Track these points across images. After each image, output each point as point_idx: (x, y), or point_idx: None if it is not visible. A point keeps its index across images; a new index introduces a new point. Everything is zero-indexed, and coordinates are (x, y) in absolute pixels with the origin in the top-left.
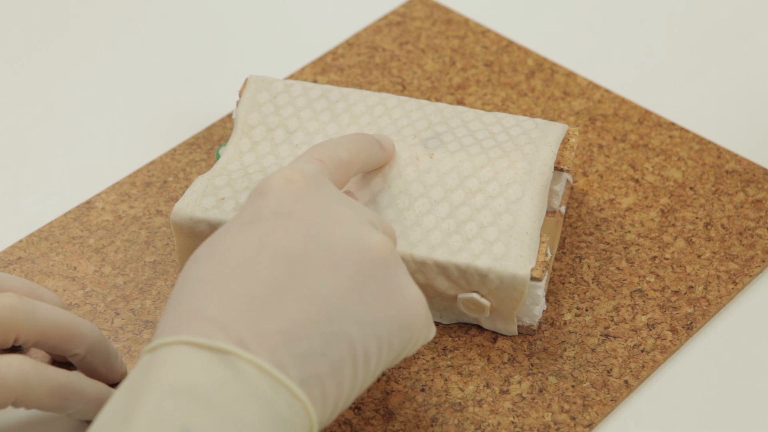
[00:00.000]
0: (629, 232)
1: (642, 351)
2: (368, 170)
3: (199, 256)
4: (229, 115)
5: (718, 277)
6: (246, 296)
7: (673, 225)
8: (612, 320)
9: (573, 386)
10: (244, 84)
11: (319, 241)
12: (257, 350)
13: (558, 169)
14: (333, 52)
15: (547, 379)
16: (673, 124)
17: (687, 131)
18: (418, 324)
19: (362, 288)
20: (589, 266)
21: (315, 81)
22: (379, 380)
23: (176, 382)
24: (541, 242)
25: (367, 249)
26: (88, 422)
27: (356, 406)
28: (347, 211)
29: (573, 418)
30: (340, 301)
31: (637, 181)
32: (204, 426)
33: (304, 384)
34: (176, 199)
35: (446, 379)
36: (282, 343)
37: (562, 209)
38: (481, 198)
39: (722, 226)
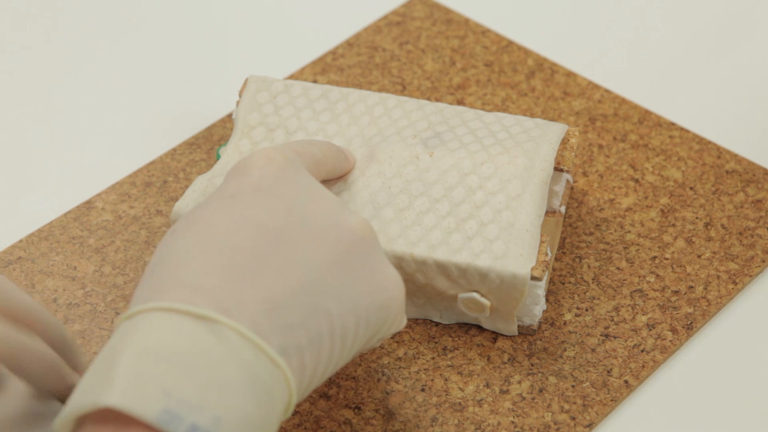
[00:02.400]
0: (629, 232)
1: (642, 351)
2: (333, 177)
3: (177, 228)
4: (229, 115)
5: (718, 277)
6: (227, 265)
7: (673, 225)
8: (612, 320)
9: (573, 386)
10: (244, 84)
11: (299, 218)
12: (239, 318)
13: (558, 169)
14: (333, 52)
15: (547, 379)
16: (673, 124)
17: (687, 131)
18: (395, 306)
19: (342, 265)
20: (589, 266)
21: (315, 81)
22: (378, 380)
23: (158, 346)
24: (542, 242)
25: (347, 228)
26: None
27: (356, 406)
28: (326, 193)
29: (573, 418)
30: (320, 276)
31: (637, 181)
32: (186, 390)
33: (284, 353)
34: (176, 199)
35: (446, 379)
36: (263, 312)
37: (562, 209)
38: (482, 195)
39: (722, 226)
